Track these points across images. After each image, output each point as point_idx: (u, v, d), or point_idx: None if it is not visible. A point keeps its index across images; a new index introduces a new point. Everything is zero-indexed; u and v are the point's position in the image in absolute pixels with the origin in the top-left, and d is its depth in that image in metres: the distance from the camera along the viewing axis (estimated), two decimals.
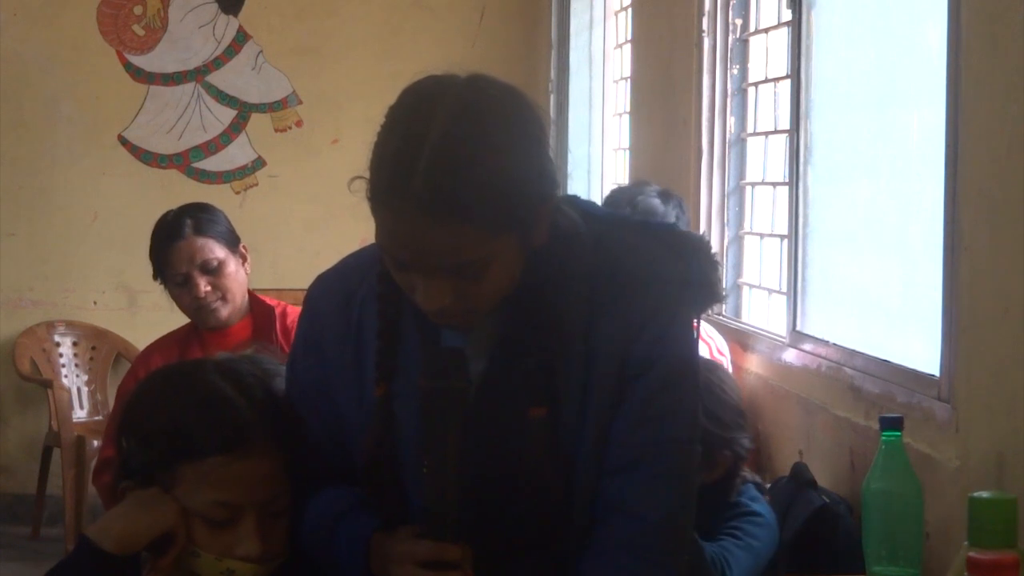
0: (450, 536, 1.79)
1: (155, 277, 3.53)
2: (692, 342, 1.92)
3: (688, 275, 1.91)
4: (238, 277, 3.51)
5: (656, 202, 3.78)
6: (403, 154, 1.70)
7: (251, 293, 3.58)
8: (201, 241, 3.46)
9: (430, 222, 1.70)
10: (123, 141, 6.72)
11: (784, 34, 3.75)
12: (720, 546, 2.74)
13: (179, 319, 3.66)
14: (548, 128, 1.82)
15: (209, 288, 3.45)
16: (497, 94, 1.77)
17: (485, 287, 1.77)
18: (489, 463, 1.84)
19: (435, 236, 1.71)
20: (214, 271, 3.46)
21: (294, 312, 3.54)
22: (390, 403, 1.87)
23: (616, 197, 3.90)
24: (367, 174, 1.76)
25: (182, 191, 6.59)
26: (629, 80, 5.35)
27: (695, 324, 1.93)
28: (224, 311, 3.48)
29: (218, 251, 3.47)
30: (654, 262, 1.90)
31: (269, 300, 3.60)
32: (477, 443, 1.82)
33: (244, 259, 3.55)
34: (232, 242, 3.52)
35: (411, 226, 1.71)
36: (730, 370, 3.63)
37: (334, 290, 1.97)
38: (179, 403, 1.93)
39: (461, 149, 1.70)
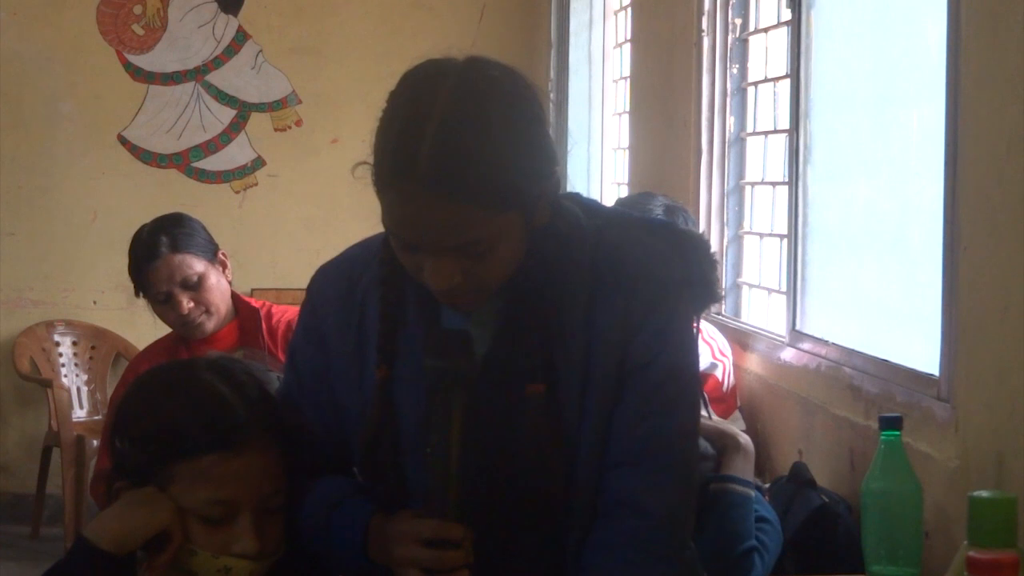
0: (452, 515, 1.80)
1: (137, 294, 3.50)
2: (692, 338, 1.93)
3: (688, 273, 1.93)
4: (220, 287, 3.46)
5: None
6: (407, 137, 1.72)
7: (235, 295, 3.54)
8: (179, 258, 3.40)
9: (436, 202, 1.72)
10: (123, 141, 6.72)
11: (784, 34, 3.74)
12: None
13: None
14: (547, 106, 1.85)
15: (192, 304, 3.41)
16: (496, 74, 1.78)
17: (492, 265, 1.79)
18: (491, 443, 1.85)
19: (441, 216, 1.73)
20: (195, 286, 3.41)
21: (279, 312, 3.52)
22: (391, 387, 1.89)
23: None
24: (371, 159, 1.78)
25: (182, 191, 6.61)
26: (629, 80, 5.35)
27: (694, 323, 1.94)
28: (210, 324, 3.45)
29: (197, 265, 3.42)
30: (655, 258, 1.91)
31: (253, 301, 3.56)
32: (480, 424, 1.83)
33: (224, 266, 3.50)
34: (210, 252, 3.47)
35: (417, 207, 1.73)
36: (732, 372, 3.63)
37: (337, 279, 1.98)
38: (172, 402, 1.92)
39: (463, 129, 1.72)
